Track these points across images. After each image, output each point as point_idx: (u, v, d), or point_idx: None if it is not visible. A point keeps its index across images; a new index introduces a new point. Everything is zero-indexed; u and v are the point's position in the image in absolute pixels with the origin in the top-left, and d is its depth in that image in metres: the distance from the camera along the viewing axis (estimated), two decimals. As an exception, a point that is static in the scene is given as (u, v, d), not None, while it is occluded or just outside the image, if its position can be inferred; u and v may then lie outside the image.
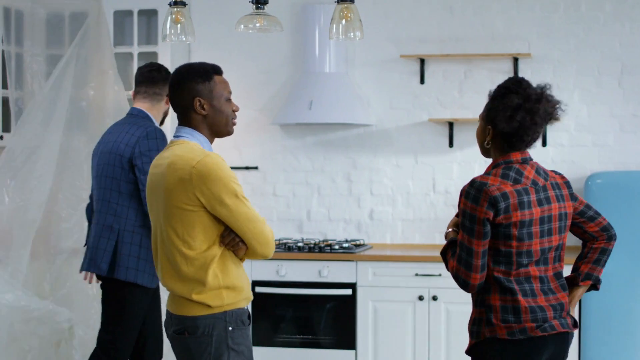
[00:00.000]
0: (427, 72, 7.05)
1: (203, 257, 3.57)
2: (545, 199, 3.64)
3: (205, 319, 3.59)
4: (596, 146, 6.82)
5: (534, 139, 3.68)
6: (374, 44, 7.11)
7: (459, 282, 3.64)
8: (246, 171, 7.35)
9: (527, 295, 3.60)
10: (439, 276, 6.39)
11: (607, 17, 6.80)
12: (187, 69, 3.72)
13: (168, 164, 3.60)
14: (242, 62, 7.36)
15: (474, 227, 3.57)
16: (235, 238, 3.60)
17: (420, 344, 6.43)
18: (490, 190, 3.56)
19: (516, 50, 6.87)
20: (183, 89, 3.69)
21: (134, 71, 7.21)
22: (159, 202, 3.64)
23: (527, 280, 3.62)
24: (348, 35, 4.38)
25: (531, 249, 3.60)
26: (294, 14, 7.17)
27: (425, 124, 7.03)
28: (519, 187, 3.60)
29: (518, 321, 3.58)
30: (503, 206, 3.54)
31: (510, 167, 3.65)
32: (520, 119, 3.62)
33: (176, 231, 3.58)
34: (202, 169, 3.53)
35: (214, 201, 3.53)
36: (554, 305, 3.63)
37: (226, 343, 3.60)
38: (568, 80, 6.84)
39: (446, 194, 7.02)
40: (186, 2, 4.68)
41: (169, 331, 3.75)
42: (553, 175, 3.75)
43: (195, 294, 3.58)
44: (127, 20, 7.38)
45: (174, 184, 3.56)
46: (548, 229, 3.63)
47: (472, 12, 6.99)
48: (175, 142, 3.70)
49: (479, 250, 3.58)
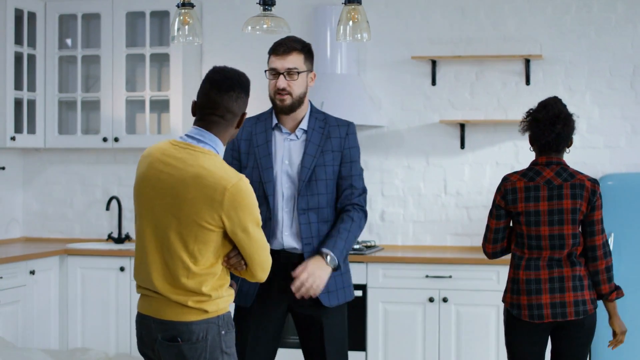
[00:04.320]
0: (439, 74, 7.04)
1: (206, 273, 3.54)
2: (557, 195, 4.44)
3: (199, 324, 3.54)
4: (608, 148, 6.79)
5: (555, 148, 4.50)
6: (386, 45, 7.11)
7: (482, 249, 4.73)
8: (258, 172, 7.35)
9: (530, 269, 4.50)
10: (449, 278, 6.38)
11: (619, 19, 6.78)
12: (247, 81, 3.66)
13: (194, 175, 3.48)
14: (254, 63, 7.32)
15: (492, 209, 4.61)
16: (241, 261, 3.60)
17: (431, 345, 6.42)
18: (505, 185, 4.55)
19: (528, 52, 6.86)
20: (243, 100, 3.64)
21: (146, 72, 7.25)
22: (164, 204, 3.53)
23: (536, 259, 4.50)
24: (355, 36, 4.36)
25: (540, 234, 4.45)
26: (306, 15, 7.18)
27: (437, 125, 7.02)
28: (531, 184, 4.48)
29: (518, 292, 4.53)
30: (510, 198, 4.52)
31: (532, 169, 4.53)
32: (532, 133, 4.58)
33: (187, 245, 3.50)
34: (236, 194, 3.46)
35: (237, 227, 3.50)
36: (552, 278, 4.48)
37: (220, 347, 3.57)
38: (580, 81, 6.82)
39: (457, 196, 7.01)
40: (194, 4, 4.68)
41: (148, 338, 3.64)
42: (582, 178, 4.47)
43: (191, 302, 3.53)
44: (139, 22, 7.40)
45: (200, 199, 3.46)
46: (559, 219, 4.43)
47: (484, 13, 6.98)
48: (195, 148, 3.56)
49: (492, 227, 4.61)
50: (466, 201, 6.99)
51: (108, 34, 7.28)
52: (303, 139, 4.39)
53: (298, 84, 4.33)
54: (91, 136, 7.39)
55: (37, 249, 7.04)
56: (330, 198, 4.39)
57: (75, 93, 7.45)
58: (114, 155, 7.62)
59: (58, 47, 7.43)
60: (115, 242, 7.49)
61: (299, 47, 4.33)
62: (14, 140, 7.04)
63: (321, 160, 4.36)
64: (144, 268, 3.60)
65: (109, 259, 6.99)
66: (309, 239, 4.32)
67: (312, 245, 4.32)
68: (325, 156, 4.37)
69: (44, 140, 7.41)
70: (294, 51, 4.31)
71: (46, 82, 7.41)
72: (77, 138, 7.42)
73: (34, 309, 6.74)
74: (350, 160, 4.41)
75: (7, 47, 6.96)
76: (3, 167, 7.45)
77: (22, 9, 7.13)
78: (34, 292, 6.73)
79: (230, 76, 3.61)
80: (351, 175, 4.41)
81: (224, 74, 3.61)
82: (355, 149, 4.45)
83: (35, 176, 7.78)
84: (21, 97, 7.15)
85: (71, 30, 7.53)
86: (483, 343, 6.36)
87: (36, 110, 7.32)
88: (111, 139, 7.26)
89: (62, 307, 7.03)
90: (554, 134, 4.46)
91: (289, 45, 4.32)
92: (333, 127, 4.42)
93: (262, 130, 4.44)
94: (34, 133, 7.31)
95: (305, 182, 4.32)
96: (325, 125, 4.41)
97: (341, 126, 4.44)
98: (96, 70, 7.47)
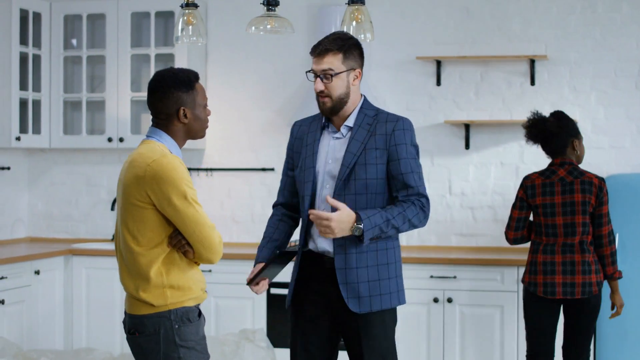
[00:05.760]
0: (444, 74, 7.04)
1: (149, 254, 3.67)
2: (569, 190, 5.36)
3: (151, 318, 3.69)
4: (613, 148, 6.79)
5: (557, 151, 5.45)
6: (391, 45, 7.11)
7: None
8: (262, 172, 7.37)
9: (546, 253, 5.39)
10: (453, 278, 6.38)
11: (624, 19, 6.77)
12: (172, 77, 3.75)
13: (130, 161, 3.72)
14: (259, 63, 7.37)
15: (516, 202, 5.52)
16: (181, 240, 3.69)
17: (435, 346, 6.42)
18: (526, 182, 5.49)
19: (532, 52, 6.85)
20: (169, 98, 3.74)
21: (151, 73, 7.25)
22: (119, 198, 3.77)
23: (552, 245, 5.39)
24: (359, 36, 4.37)
25: (555, 223, 5.36)
26: (311, 15, 7.18)
27: (442, 125, 7.02)
28: (547, 181, 5.41)
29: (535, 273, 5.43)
30: (530, 192, 5.44)
31: (549, 169, 5.46)
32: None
33: (128, 226, 3.69)
34: (156, 168, 3.62)
35: (163, 200, 3.62)
36: (565, 262, 5.35)
37: (174, 341, 3.69)
38: (585, 82, 6.81)
39: (462, 196, 7.01)
40: (198, 4, 4.68)
41: (125, 330, 3.85)
42: (590, 176, 5.39)
43: (141, 291, 3.68)
44: (144, 22, 7.41)
45: (130, 180, 3.66)
46: (571, 210, 5.34)
47: (489, 13, 6.97)
48: (144, 142, 3.79)
49: (515, 216, 5.52)
50: (471, 201, 6.99)
51: (113, 34, 7.29)
52: (348, 137, 4.19)
53: (336, 86, 4.12)
54: (96, 136, 7.40)
55: (42, 249, 7.06)
56: (371, 199, 4.13)
57: (80, 93, 7.46)
58: (119, 156, 7.63)
59: (63, 48, 7.44)
60: (120, 242, 7.49)
61: (336, 48, 4.10)
62: (19, 140, 7.05)
63: (362, 159, 4.12)
64: (119, 267, 3.83)
65: (114, 259, 6.97)
66: (341, 240, 4.10)
67: (345, 249, 4.11)
68: (368, 154, 4.13)
69: (49, 141, 7.43)
70: (329, 52, 4.10)
71: (51, 83, 7.42)
72: (82, 138, 7.43)
73: (39, 309, 6.75)
74: (397, 158, 4.12)
75: (13, 47, 6.98)
76: (8, 167, 7.47)
77: (27, 10, 7.14)
78: (39, 292, 6.74)
79: (154, 79, 3.79)
80: (401, 173, 4.12)
81: (152, 79, 3.80)
82: (403, 146, 4.14)
83: (40, 176, 7.80)
84: (26, 97, 7.17)
85: (76, 31, 7.55)
86: (487, 344, 6.36)
87: (41, 111, 7.34)
88: (116, 139, 7.27)
89: (67, 307, 7.04)
90: (552, 145, 5.47)
91: (324, 46, 4.12)
92: (381, 124, 4.18)
93: (314, 129, 4.29)
94: (39, 133, 7.32)
95: (342, 181, 4.11)
96: (374, 122, 4.19)
97: (389, 122, 4.19)
98: (101, 71, 7.49)
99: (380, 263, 4.17)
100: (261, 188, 7.36)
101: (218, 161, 7.46)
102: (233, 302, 6.80)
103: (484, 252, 6.83)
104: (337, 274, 4.13)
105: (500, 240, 6.77)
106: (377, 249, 4.16)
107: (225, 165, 7.45)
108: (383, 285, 4.19)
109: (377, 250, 4.17)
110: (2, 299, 6.33)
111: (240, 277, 6.58)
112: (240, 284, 6.55)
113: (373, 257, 4.16)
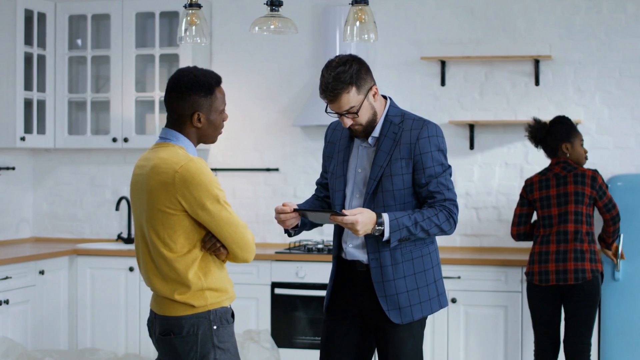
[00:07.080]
0: (448, 74, 7.03)
1: (184, 259, 3.63)
2: (563, 182, 5.81)
3: (189, 319, 3.65)
4: (617, 149, 6.77)
5: (551, 152, 5.95)
6: (395, 46, 7.10)
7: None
8: (267, 173, 7.37)
9: (542, 243, 5.79)
10: (458, 279, 6.38)
11: (629, 19, 6.76)
12: (193, 79, 3.68)
13: (152, 166, 3.64)
14: (263, 63, 7.37)
15: (519, 199, 6.02)
16: (216, 243, 3.66)
17: (439, 346, 6.42)
18: (526, 181, 5.99)
19: (537, 52, 6.85)
20: (185, 100, 3.68)
21: (155, 73, 7.26)
22: (141, 203, 3.70)
23: (548, 235, 5.78)
24: (362, 37, 4.36)
25: (551, 214, 5.80)
26: (315, 16, 7.18)
27: (446, 126, 7.01)
28: (543, 177, 5.89)
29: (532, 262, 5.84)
30: (528, 189, 5.94)
31: (546, 168, 5.94)
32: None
33: (158, 233, 3.63)
34: (185, 174, 3.57)
35: (195, 206, 3.58)
36: (558, 250, 5.73)
37: (212, 341, 3.66)
38: (589, 82, 6.81)
39: (467, 196, 7.00)
40: (201, 4, 4.68)
41: (154, 332, 3.78)
42: (583, 170, 5.83)
43: (177, 295, 3.64)
44: (149, 22, 7.41)
45: (157, 187, 3.60)
46: (565, 200, 5.77)
47: (493, 14, 6.97)
48: (161, 145, 3.73)
49: (517, 212, 6.01)
50: (475, 202, 6.98)
51: (118, 34, 7.30)
52: (375, 146, 4.16)
53: (362, 115, 4.07)
54: (101, 136, 7.41)
55: (46, 249, 7.06)
56: (400, 209, 4.11)
57: (85, 93, 7.47)
58: (124, 156, 7.64)
59: (68, 48, 7.45)
60: (124, 242, 7.50)
61: (345, 85, 4.01)
62: (23, 140, 7.06)
63: (388, 170, 4.09)
64: (142, 269, 3.76)
65: (119, 259, 7.00)
66: (375, 253, 4.10)
67: (378, 259, 4.11)
68: (393, 165, 4.09)
69: (53, 141, 7.43)
70: (341, 93, 4.01)
71: (56, 83, 7.43)
72: (87, 138, 7.44)
73: (44, 309, 6.76)
74: (423, 168, 4.08)
75: (17, 47, 6.99)
76: (13, 168, 7.48)
77: (32, 10, 7.15)
78: (44, 292, 6.75)
79: (174, 77, 3.72)
80: (427, 182, 4.09)
81: (173, 77, 3.73)
82: (428, 154, 4.09)
83: (45, 176, 7.81)
84: (31, 97, 7.18)
85: (81, 31, 7.55)
86: (492, 344, 6.35)
87: (46, 111, 7.35)
88: (121, 139, 7.28)
89: (72, 307, 7.04)
90: (546, 149, 6.00)
91: (333, 91, 4.02)
92: (405, 132, 4.11)
93: (346, 134, 4.26)
94: (43, 133, 7.33)
95: (370, 194, 4.10)
96: (399, 130, 4.12)
97: (414, 130, 4.11)
98: (106, 71, 7.50)
99: (417, 271, 4.17)
100: (265, 188, 7.36)
101: (222, 161, 7.47)
102: (238, 303, 6.77)
103: (489, 252, 6.82)
104: (375, 287, 4.13)
105: (505, 241, 6.77)
106: (412, 257, 4.16)
107: (229, 166, 7.46)
108: (422, 293, 4.17)
109: (412, 259, 4.16)
110: (7, 299, 6.33)
111: (244, 277, 6.60)
112: (245, 284, 6.57)
113: (409, 266, 4.15)
